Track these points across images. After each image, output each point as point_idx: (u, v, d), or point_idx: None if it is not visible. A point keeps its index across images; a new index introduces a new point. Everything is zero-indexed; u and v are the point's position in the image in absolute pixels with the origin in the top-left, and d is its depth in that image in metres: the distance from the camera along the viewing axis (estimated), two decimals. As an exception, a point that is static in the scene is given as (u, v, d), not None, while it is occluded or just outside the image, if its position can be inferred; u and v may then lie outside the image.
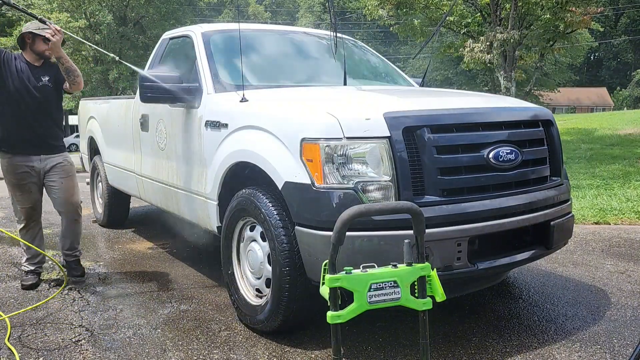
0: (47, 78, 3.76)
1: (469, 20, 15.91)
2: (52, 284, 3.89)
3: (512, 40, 13.16)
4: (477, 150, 2.72)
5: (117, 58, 4.69)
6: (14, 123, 3.69)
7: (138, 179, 4.64)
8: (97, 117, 5.81)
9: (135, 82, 3.99)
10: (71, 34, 4.29)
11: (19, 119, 3.69)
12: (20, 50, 3.84)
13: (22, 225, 3.88)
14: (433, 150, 2.58)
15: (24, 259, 3.93)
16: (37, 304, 3.46)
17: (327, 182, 2.52)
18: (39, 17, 3.76)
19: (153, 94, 3.46)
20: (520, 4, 13.33)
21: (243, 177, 3.19)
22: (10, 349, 2.79)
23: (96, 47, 5.83)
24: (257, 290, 3.04)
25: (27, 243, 3.84)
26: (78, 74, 3.79)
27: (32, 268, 3.91)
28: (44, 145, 3.80)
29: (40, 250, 3.89)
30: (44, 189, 3.93)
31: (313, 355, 2.73)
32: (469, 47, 14.35)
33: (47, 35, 3.59)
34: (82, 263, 4.20)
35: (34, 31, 3.68)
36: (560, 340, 2.87)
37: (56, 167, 3.85)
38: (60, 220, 4.03)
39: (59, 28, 3.62)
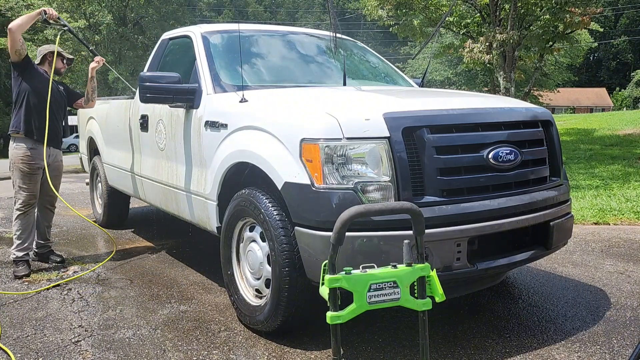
0: (62, 88, 4.48)
1: (469, 21, 15.90)
2: (50, 283, 3.88)
3: (511, 40, 13.15)
4: (477, 150, 2.72)
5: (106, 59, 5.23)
6: (38, 115, 4.15)
7: (138, 180, 4.63)
8: (96, 117, 5.81)
9: (134, 82, 4.06)
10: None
11: (42, 112, 4.14)
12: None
13: (22, 212, 4.18)
14: (432, 151, 2.58)
15: (14, 245, 4.18)
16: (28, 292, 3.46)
17: (327, 182, 2.52)
18: (91, 47, 5.18)
19: (153, 94, 3.46)
20: (520, 4, 13.32)
21: (243, 177, 3.19)
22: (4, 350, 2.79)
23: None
24: (257, 290, 3.04)
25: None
26: (96, 94, 4.71)
27: (21, 254, 4.17)
28: (57, 139, 4.36)
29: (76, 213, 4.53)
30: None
31: (313, 356, 2.73)
32: (469, 47, 14.34)
33: (93, 64, 4.53)
34: (81, 262, 4.39)
35: (59, 51, 4.37)
36: (560, 341, 2.87)
37: (55, 163, 4.36)
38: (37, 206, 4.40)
39: (102, 58, 4.63)
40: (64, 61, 4.44)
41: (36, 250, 4.46)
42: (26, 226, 4.20)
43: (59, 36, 4.61)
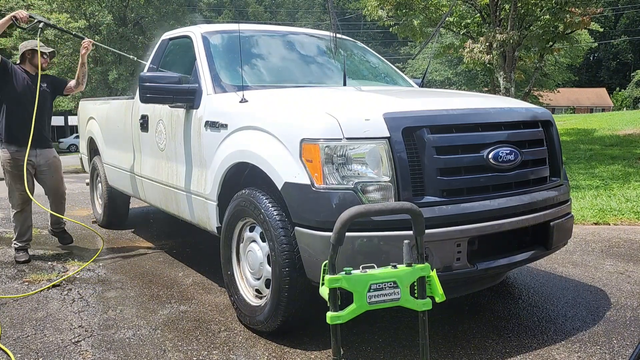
0: (44, 85, 4.51)
1: (469, 21, 15.89)
2: (50, 282, 3.88)
3: (511, 40, 13.15)
4: (477, 150, 2.72)
5: (135, 58, 5.55)
6: (20, 121, 4.33)
7: (138, 180, 4.64)
8: (96, 117, 5.81)
9: (134, 82, 4.09)
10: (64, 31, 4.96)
11: (25, 118, 4.32)
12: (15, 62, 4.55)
13: (18, 210, 4.53)
14: (433, 151, 2.58)
15: (14, 236, 4.58)
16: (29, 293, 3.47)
17: (327, 182, 2.52)
18: (74, 33, 5.33)
19: (153, 94, 3.46)
20: (520, 4, 13.32)
21: (243, 177, 3.19)
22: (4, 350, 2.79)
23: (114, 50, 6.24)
24: (257, 290, 3.04)
25: (54, 213, 4.85)
26: (86, 78, 4.81)
27: (22, 245, 4.55)
28: (42, 139, 4.51)
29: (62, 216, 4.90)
30: (35, 178, 4.66)
31: (313, 356, 2.73)
32: (469, 47, 14.33)
33: (83, 50, 4.61)
34: (81, 262, 4.44)
35: (35, 48, 4.44)
36: (560, 341, 2.87)
37: (47, 162, 4.59)
38: (49, 202, 4.81)
39: (91, 41, 4.70)
40: (45, 56, 4.51)
41: (51, 229, 4.99)
42: (23, 222, 4.55)
43: (38, 34, 4.53)
